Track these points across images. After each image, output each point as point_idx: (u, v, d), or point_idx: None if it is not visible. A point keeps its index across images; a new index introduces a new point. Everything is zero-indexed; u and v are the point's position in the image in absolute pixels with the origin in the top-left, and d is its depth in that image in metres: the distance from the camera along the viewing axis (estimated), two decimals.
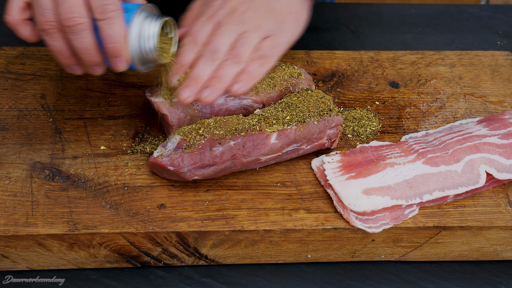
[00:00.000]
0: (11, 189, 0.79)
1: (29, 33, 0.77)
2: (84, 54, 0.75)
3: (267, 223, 0.78)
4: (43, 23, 0.74)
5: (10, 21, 0.76)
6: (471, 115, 0.93)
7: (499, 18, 1.19)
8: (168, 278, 0.79)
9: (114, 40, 0.74)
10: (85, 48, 0.74)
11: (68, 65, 0.77)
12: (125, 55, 0.76)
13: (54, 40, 0.74)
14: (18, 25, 0.76)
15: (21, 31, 0.76)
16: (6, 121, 0.86)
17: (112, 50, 0.75)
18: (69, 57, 0.76)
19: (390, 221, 0.79)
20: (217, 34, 0.83)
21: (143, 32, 0.76)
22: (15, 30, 0.77)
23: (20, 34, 0.77)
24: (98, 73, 0.78)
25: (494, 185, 0.84)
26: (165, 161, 0.78)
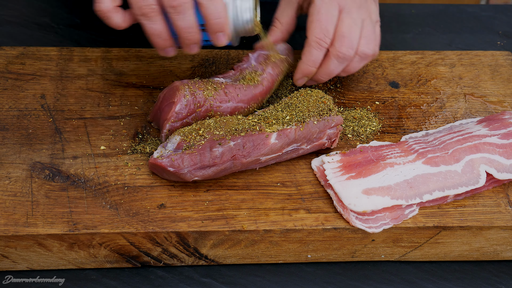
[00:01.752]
0: (11, 189, 0.79)
1: (122, 20, 0.78)
2: (187, 33, 0.77)
3: (267, 223, 0.78)
4: (143, 7, 0.75)
5: (103, 8, 0.77)
6: (471, 115, 0.93)
7: (499, 18, 1.19)
8: (168, 278, 0.79)
9: (217, 15, 0.77)
10: (189, 27, 0.77)
11: (165, 47, 0.80)
12: (228, 30, 0.79)
13: (154, 23, 0.77)
14: (111, 12, 0.77)
15: (114, 18, 0.78)
16: (6, 121, 0.86)
17: (216, 25, 0.78)
18: (167, 38, 0.78)
19: (390, 221, 0.79)
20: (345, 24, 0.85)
21: (239, 5, 0.80)
22: (108, 18, 0.78)
23: (113, 21, 0.78)
24: (195, 51, 0.81)
25: (494, 185, 0.84)
26: (165, 162, 0.78)
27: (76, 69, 0.94)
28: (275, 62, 0.90)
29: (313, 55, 0.86)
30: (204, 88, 0.84)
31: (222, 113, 0.84)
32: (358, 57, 0.87)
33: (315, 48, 0.86)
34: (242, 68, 0.89)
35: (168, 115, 0.82)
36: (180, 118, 0.82)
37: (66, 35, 1.07)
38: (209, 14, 0.77)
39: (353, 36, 0.85)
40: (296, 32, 0.94)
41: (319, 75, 0.89)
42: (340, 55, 0.85)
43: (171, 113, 0.82)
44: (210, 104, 0.84)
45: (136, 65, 0.96)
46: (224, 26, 0.79)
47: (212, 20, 0.78)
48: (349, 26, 0.85)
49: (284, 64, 0.91)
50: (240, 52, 0.99)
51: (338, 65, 0.87)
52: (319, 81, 0.90)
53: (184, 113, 0.82)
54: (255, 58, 0.90)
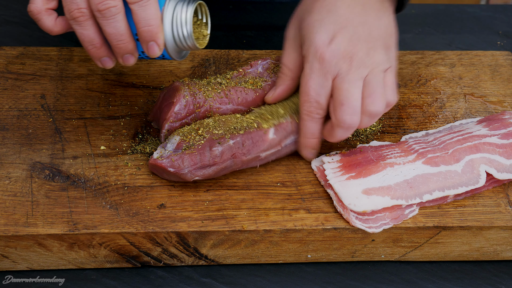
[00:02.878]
0: (11, 189, 0.79)
1: (53, 24, 0.74)
2: (117, 40, 0.72)
3: (267, 223, 0.78)
4: (73, 11, 0.71)
5: (34, 10, 0.73)
6: (471, 115, 0.93)
7: (499, 18, 1.20)
8: (168, 278, 0.79)
9: (149, 23, 0.71)
10: (118, 34, 0.72)
11: (99, 56, 0.74)
12: (160, 40, 0.73)
13: (84, 29, 0.72)
14: (42, 14, 0.73)
15: (45, 21, 0.73)
16: (6, 121, 0.86)
17: (147, 33, 0.72)
18: (100, 46, 0.73)
19: (390, 221, 0.79)
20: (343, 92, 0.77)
21: (177, 17, 0.74)
22: (38, 20, 0.74)
23: (43, 24, 0.74)
24: (130, 63, 0.75)
25: (494, 185, 0.84)
26: (165, 162, 0.78)
27: (76, 69, 0.94)
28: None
29: (308, 127, 0.81)
30: (204, 89, 0.84)
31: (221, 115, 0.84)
32: (367, 117, 0.79)
33: (308, 121, 0.80)
34: (247, 72, 0.89)
35: (167, 115, 0.82)
36: (179, 118, 0.83)
37: (66, 35, 1.06)
38: (139, 21, 0.71)
39: (353, 101, 0.77)
40: None
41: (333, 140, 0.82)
42: (343, 124, 0.78)
43: (170, 113, 0.82)
44: (209, 105, 0.84)
45: (136, 65, 0.96)
46: (156, 35, 0.72)
47: (142, 28, 0.71)
48: (346, 91, 0.77)
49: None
50: (240, 52, 0.99)
51: (345, 132, 0.80)
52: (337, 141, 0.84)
53: (183, 113, 0.83)
54: (263, 65, 0.89)
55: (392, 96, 0.81)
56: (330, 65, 0.78)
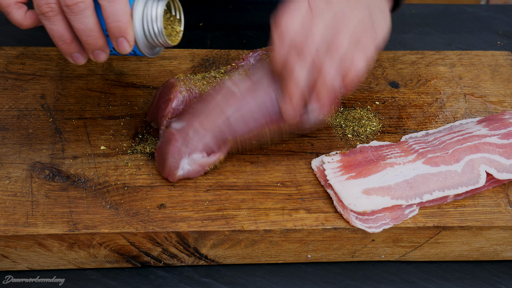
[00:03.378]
0: (11, 189, 0.79)
1: (22, 17, 0.72)
2: (86, 36, 0.71)
3: (267, 223, 0.78)
4: (42, 6, 0.70)
5: (3, 2, 0.72)
6: (471, 115, 0.93)
7: (499, 18, 1.20)
8: (168, 278, 0.79)
9: (117, 18, 0.70)
10: (87, 29, 0.70)
11: (69, 52, 0.73)
12: (130, 36, 0.72)
13: (54, 24, 0.71)
14: (11, 7, 0.72)
15: (14, 14, 0.72)
16: (6, 121, 0.86)
17: (116, 29, 0.71)
18: (70, 42, 0.72)
19: (390, 221, 0.79)
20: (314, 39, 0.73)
21: (147, 13, 0.73)
22: (8, 13, 0.72)
23: (13, 18, 0.73)
24: (101, 59, 0.74)
25: (494, 185, 0.84)
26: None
27: (76, 69, 0.94)
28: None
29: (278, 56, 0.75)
30: (199, 84, 0.85)
31: None
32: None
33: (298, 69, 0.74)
34: (239, 66, 0.89)
35: (165, 112, 0.82)
36: (177, 114, 0.83)
37: None
38: (108, 17, 0.70)
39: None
40: None
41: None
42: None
43: (168, 110, 0.82)
44: None
45: (136, 65, 0.96)
46: (125, 31, 0.71)
47: (111, 23, 0.70)
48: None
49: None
50: (240, 52, 0.99)
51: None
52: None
53: (181, 109, 0.83)
54: (255, 57, 0.90)
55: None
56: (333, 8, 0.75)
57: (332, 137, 0.89)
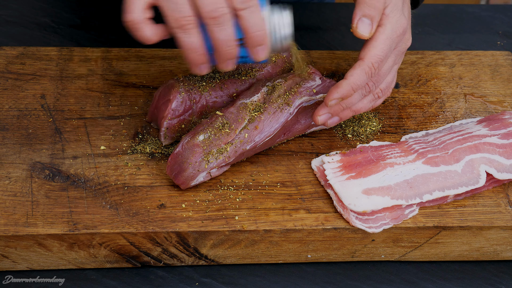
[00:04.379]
0: (11, 189, 0.79)
1: (153, 33, 0.73)
2: (226, 46, 0.73)
3: (267, 223, 0.78)
4: (179, 19, 0.71)
5: (133, 19, 0.72)
6: (471, 115, 0.93)
7: (499, 18, 1.19)
8: (168, 278, 0.79)
9: (258, 28, 0.73)
10: (228, 40, 0.72)
11: (199, 62, 0.75)
12: (268, 43, 0.75)
13: (190, 36, 0.72)
14: (142, 24, 0.73)
15: (145, 31, 0.73)
16: (6, 121, 0.86)
17: (257, 38, 0.73)
18: (203, 53, 0.74)
19: (390, 221, 0.79)
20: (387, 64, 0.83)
21: (278, 21, 0.76)
22: (137, 30, 0.73)
23: (143, 34, 0.73)
24: (230, 69, 0.76)
25: (494, 185, 0.84)
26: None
27: (76, 69, 0.94)
28: (276, 62, 0.90)
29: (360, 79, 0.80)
30: (198, 84, 0.85)
31: (218, 108, 0.85)
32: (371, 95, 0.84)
33: (366, 74, 0.80)
34: (239, 65, 0.89)
35: (165, 113, 0.83)
36: (177, 115, 0.83)
37: (66, 35, 1.07)
38: (250, 27, 0.73)
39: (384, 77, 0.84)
40: (303, 31, 0.94)
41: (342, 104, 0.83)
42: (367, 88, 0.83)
43: (168, 111, 0.82)
44: (205, 99, 0.84)
45: (136, 65, 0.96)
46: (265, 40, 0.74)
47: (253, 33, 0.73)
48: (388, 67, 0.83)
49: (285, 64, 0.91)
50: None
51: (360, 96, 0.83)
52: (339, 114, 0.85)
53: (181, 110, 0.83)
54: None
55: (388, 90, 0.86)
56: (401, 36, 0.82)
57: (332, 137, 0.89)
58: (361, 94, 0.83)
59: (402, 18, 0.81)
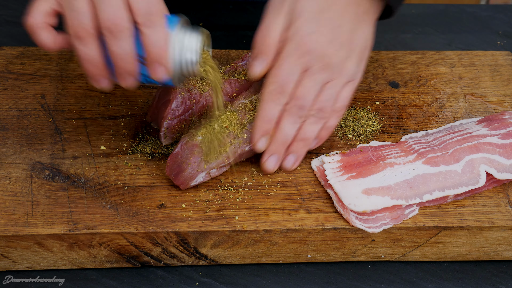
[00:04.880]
0: (11, 189, 0.79)
1: (51, 40, 0.72)
2: (122, 60, 0.71)
3: (267, 223, 0.78)
4: (78, 30, 0.69)
5: (32, 23, 0.71)
6: (471, 115, 0.93)
7: (499, 18, 1.20)
8: (168, 278, 0.79)
9: (158, 45, 0.71)
10: (125, 54, 0.70)
11: (97, 76, 0.73)
12: (168, 64, 0.73)
13: (87, 47, 0.70)
14: (40, 29, 0.71)
15: (43, 37, 0.71)
16: (6, 121, 0.86)
17: (156, 56, 0.71)
18: (100, 67, 0.72)
19: (390, 221, 0.79)
20: (305, 85, 0.79)
21: (185, 44, 0.73)
22: (36, 34, 0.71)
23: (41, 40, 0.72)
24: (130, 86, 0.74)
25: (494, 185, 0.84)
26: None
27: (76, 69, 0.94)
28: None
29: (268, 111, 0.79)
30: (198, 85, 0.84)
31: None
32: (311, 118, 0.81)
33: (269, 104, 0.79)
34: (238, 65, 0.89)
35: (165, 113, 0.82)
36: (177, 115, 0.83)
37: None
38: (150, 44, 0.70)
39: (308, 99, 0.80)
40: None
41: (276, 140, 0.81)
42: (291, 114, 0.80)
43: (168, 111, 0.82)
44: (205, 99, 0.84)
45: None
46: (163, 59, 0.72)
47: (151, 51, 0.71)
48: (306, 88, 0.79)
49: None
50: (240, 52, 0.99)
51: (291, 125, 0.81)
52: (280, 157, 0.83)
53: (181, 110, 0.83)
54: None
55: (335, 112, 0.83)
56: (308, 57, 0.79)
57: (332, 137, 0.89)
58: (292, 123, 0.80)
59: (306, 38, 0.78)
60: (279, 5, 0.80)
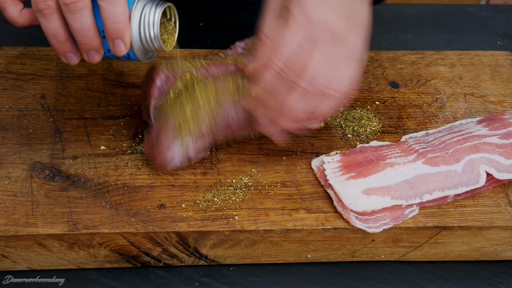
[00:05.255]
0: (11, 189, 0.79)
1: (17, 14, 0.72)
2: (82, 36, 0.71)
3: (267, 223, 0.78)
4: (39, 3, 0.70)
5: None
6: (471, 115, 0.93)
7: (499, 18, 1.20)
8: (168, 278, 0.79)
9: (116, 20, 0.70)
10: (84, 29, 0.71)
11: (63, 51, 0.73)
12: (127, 38, 0.72)
13: (49, 22, 0.71)
14: (7, 3, 0.72)
15: (9, 11, 0.72)
16: (6, 121, 0.86)
17: (114, 30, 0.71)
18: (64, 41, 0.72)
19: (390, 221, 0.79)
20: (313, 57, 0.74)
21: (145, 17, 0.73)
22: (3, 9, 0.72)
23: (8, 14, 0.73)
24: (95, 60, 0.74)
25: (494, 185, 0.84)
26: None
27: (76, 69, 0.94)
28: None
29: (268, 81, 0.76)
30: (181, 65, 0.83)
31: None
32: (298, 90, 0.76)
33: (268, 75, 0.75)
34: (227, 55, 0.89)
35: (151, 91, 0.82)
36: (163, 93, 0.82)
37: None
38: (106, 18, 0.70)
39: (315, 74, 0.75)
40: None
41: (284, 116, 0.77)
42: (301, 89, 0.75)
43: (153, 89, 0.81)
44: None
45: (136, 65, 0.96)
46: (122, 33, 0.71)
47: (109, 25, 0.70)
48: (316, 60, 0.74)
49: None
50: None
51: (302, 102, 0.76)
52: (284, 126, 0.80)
53: (166, 87, 0.82)
54: (242, 47, 0.90)
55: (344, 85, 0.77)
56: (314, 28, 0.74)
57: (332, 137, 0.89)
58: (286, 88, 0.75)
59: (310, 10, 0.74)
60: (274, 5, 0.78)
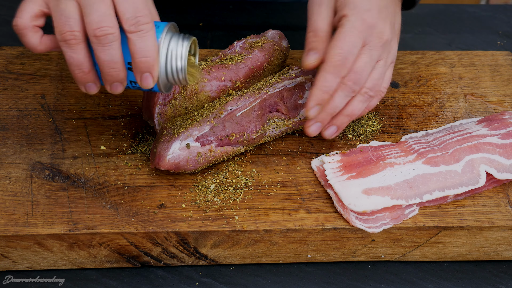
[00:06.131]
0: (11, 189, 0.79)
1: (38, 42, 0.71)
2: (110, 68, 0.70)
3: (267, 223, 0.78)
4: (65, 33, 0.68)
5: (19, 24, 0.71)
6: (471, 115, 0.93)
7: (499, 18, 1.20)
8: (168, 278, 0.79)
9: (146, 54, 0.69)
10: (113, 61, 0.70)
11: (85, 81, 0.72)
12: (156, 72, 0.71)
13: (75, 52, 0.69)
14: (28, 30, 0.71)
15: (29, 38, 0.71)
16: (6, 121, 0.86)
17: (144, 64, 0.70)
18: (88, 72, 0.71)
19: (390, 221, 0.79)
20: (362, 60, 0.79)
21: (173, 51, 0.72)
22: (23, 35, 0.71)
23: (27, 41, 0.72)
24: (118, 92, 0.73)
25: (494, 185, 0.84)
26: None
27: None
28: (263, 46, 0.90)
29: (328, 81, 0.79)
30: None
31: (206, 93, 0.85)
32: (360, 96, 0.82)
33: (331, 74, 0.79)
34: (226, 54, 0.89)
35: (155, 99, 0.82)
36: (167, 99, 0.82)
37: None
38: (136, 52, 0.69)
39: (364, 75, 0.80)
40: (296, 32, 0.94)
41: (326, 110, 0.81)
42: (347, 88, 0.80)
43: (157, 96, 0.82)
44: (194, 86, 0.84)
45: None
46: (152, 67, 0.70)
47: (139, 58, 0.70)
48: (364, 63, 0.80)
49: (274, 48, 0.91)
50: None
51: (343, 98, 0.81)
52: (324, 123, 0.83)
53: (170, 94, 0.82)
54: (240, 45, 0.90)
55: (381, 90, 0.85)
56: (368, 31, 0.79)
57: None
58: (344, 96, 0.80)
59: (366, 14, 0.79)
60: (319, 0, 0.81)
